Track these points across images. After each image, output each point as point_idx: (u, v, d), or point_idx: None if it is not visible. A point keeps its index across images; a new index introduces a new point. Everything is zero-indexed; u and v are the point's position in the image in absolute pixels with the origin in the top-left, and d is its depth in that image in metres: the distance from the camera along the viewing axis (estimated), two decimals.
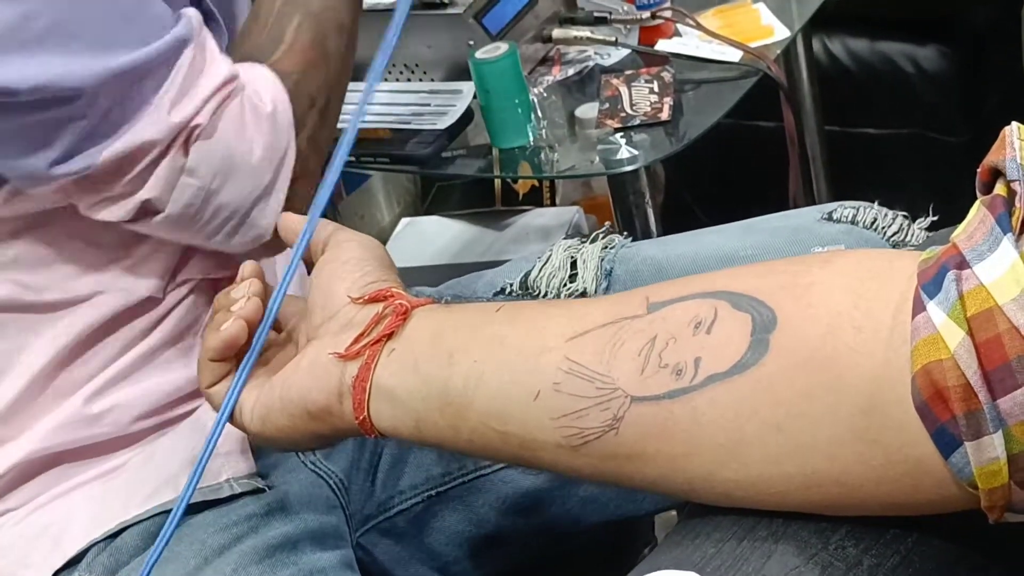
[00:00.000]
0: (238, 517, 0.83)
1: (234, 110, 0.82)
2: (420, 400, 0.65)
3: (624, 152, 1.31)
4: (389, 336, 0.67)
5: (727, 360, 0.56)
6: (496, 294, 0.98)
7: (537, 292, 0.94)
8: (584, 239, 0.98)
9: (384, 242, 1.87)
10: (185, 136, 0.80)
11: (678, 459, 0.57)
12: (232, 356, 0.73)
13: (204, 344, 0.73)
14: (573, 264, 0.95)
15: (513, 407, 0.62)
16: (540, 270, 0.96)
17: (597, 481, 0.74)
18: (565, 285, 0.94)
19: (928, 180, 1.78)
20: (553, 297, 0.94)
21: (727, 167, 1.88)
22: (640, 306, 0.60)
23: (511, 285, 0.97)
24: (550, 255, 0.97)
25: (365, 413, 0.67)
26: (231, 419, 0.72)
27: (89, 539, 0.84)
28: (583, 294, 0.93)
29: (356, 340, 0.68)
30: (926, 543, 0.57)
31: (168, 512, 0.82)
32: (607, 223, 1.07)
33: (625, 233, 1.01)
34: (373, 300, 0.69)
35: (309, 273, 0.75)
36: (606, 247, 0.96)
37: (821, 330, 0.54)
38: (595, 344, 0.60)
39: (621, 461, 0.59)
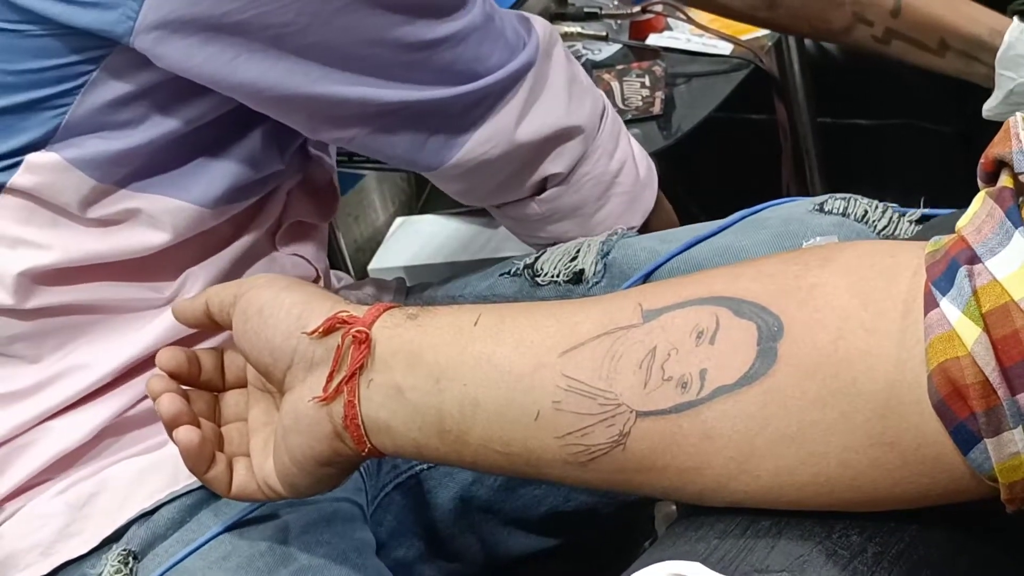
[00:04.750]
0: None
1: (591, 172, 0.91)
2: (416, 429, 0.64)
3: None
4: (361, 367, 0.65)
5: (734, 371, 0.55)
6: (503, 275, 0.97)
7: (541, 272, 0.94)
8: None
9: (379, 242, 1.87)
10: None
11: (688, 472, 0.57)
12: (208, 446, 0.72)
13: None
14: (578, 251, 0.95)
15: (513, 430, 0.60)
16: (547, 255, 0.96)
17: (608, 491, 0.73)
18: (565, 265, 0.94)
19: (921, 169, 1.78)
20: (552, 276, 0.93)
21: (720, 160, 1.87)
22: (634, 314, 0.59)
23: (517, 266, 0.97)
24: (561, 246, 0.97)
25: (368, 446, 0.66)
26: (267, 499, 0.73)
27: (139, 508, 0.84)
28: (580, 272, 0.92)
29: (328, 380, 0.66)
30: (929, 530, 0.57)
31: None
32: None
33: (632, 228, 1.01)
34: (328, 331, 0.66)
35: None
36: (608, 238, 0.96)
37: (831, 335, 0.53)
38: (591, 358, 0.58)
39: (630, 474, 0.58)
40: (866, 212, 0.90)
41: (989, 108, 1.06)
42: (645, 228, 1.01)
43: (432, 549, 0.99)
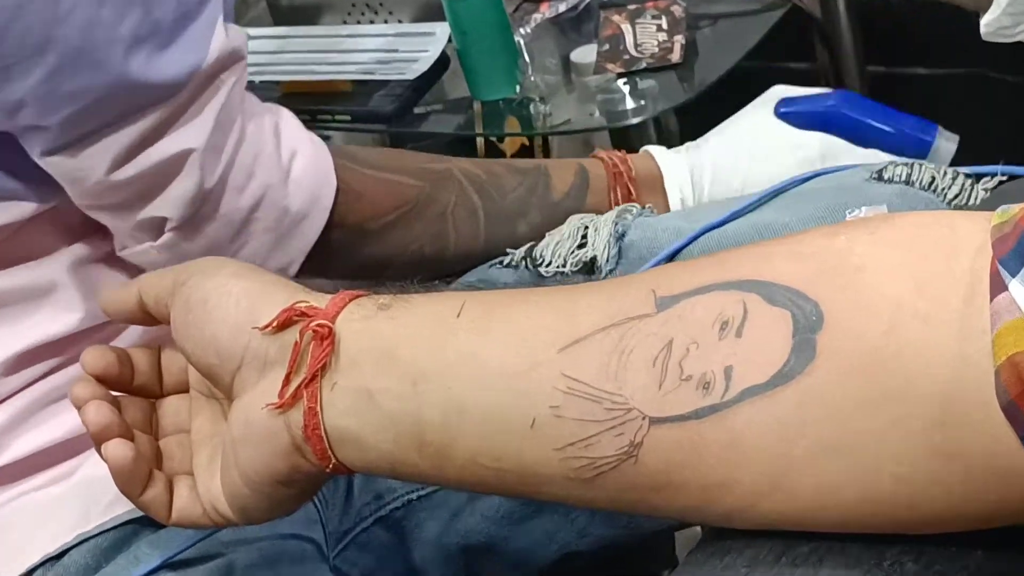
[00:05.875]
0: (205, 533, 0.83)
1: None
2: (391, 442, 0.64)
3: (629, 102, 1.31)
4: (323, 368, 0.65)
5: (766, 369, 0.55)
6: (492, 266, 0.98)
7: (541, 261, 0.94)
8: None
9: None
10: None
11: (712, 490, 0.57)
12: (144, 463, 0.71)
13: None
14: (585, 236, 0.95)
15: (505, 440, 0.61)
16: (547, 239, 0.96)
17: (618, 512, 0.73)
18: (572, 252, 0.94)
19: (990, 128, 1.78)
20: (559, 266, 0.94)
21: None
22: (646, 302, 0.59)
23: (513, 256, 0.97)
24: (560, 228, 0.98)
25: (333, 460, 0.66)
26: (215, 525, 0.72)
27: (43, 553, 0.84)
28: (592, 261, 0.93)
29: (285, 383, 0.65)
30: (999, 556, 0.57)
31: (134, 523, 0.83)
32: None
33: (649, 206, 1.00)
34: (284, 325, 0.66)
35: None
36: (621, 214, 0.96)
37: (880, 326, 0.53)
38: (597, 354, 0.58)
39: (643, 492, 0.59)
40: (933, 179, 0.90)
41: (988, 22, 1.05)
42: None
43: None
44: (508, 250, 0.98)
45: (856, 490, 0.54)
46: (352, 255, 0.98)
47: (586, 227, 0.96)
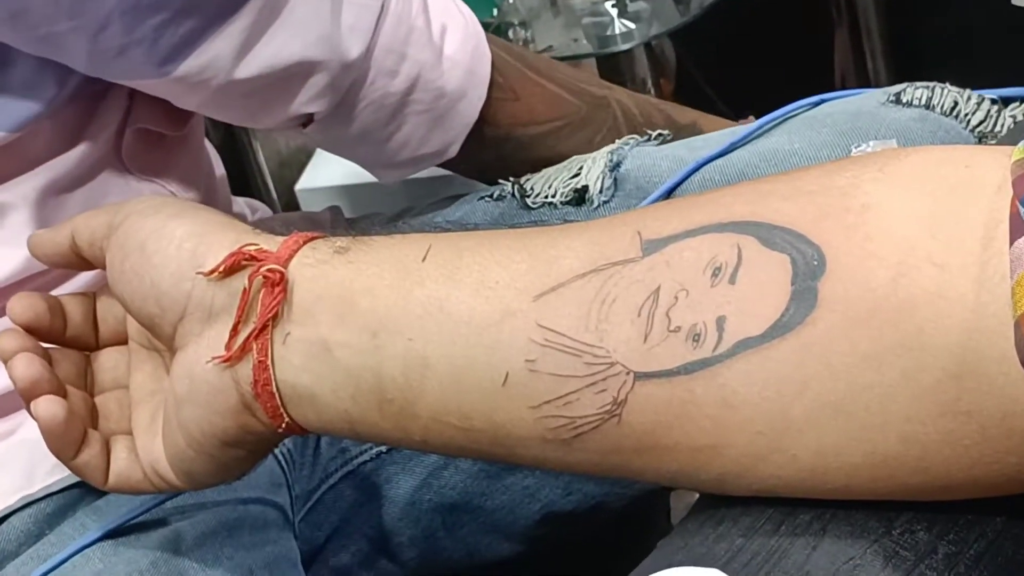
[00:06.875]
0: (154, 499, 0.83)
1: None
2: (348, 399, 0.64)
3: (618, 26, 1.30)
4: (274, 317, 0.65)
5: (762, 319, 0.55)
6: (484, 198, 0.98)
7: (530, 193, 0.95)
8: None
9: (309, 155, 1.85)
10: None
11: (703, 452, 0.57)
12: (77, 422, 0.71)
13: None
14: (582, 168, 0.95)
15: (475, 398, 0.61)
16: (543, 171, 0.97)
17: (600, 477, 0.73)
18: (565, 183, 0.94)
19: (1016, 53, 1.78)
20: (547, 196, 0.94)
21: (755, 43, 1.87)
22: (631, 245, 0.59)
23: (504, 187, 0.97)
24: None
25: (286, 419, 0.66)
26: (156, 490, 0.73)
27: None
28: (584, 190, 0.92)
29: (233, 334, 0.65)
30: (1019, 524, 0.57)
31: (80, 486, 0.83)
32: None
33: (657, 133, 1.00)
34: (232, 270, 0.66)
35: None
36: (619, 147, 0.96)
37: (889, 272, 0.53)
38: (576, 303, 0.58)
39: (628, 455, 0.59)
40: (956, 104, 0.90)
41: None
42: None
43: (384, 555, 0.99)
44: (500, 180, 0.98)
45: (861, 452, 0.54)
46: (496, 158, 0.99)
47: (581, 164, 0.96)
